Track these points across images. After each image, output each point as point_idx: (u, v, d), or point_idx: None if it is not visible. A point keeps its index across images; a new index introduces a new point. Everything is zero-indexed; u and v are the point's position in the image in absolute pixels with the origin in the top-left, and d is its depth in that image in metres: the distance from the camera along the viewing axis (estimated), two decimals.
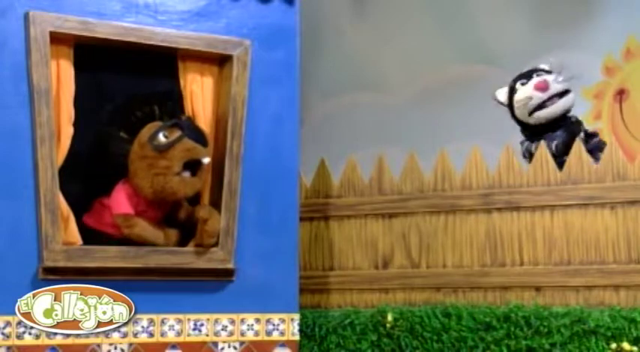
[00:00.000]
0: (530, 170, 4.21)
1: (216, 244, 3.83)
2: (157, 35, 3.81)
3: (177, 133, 3.76)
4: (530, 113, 4.68)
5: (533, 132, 4.71)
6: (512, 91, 4.78)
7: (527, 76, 4.77)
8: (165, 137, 3.76)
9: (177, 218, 3.94)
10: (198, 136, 3.81)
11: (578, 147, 4.17)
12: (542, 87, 4.64)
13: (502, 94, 4.85)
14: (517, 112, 4.75)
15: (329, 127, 6.77)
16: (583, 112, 5.57)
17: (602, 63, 6.33)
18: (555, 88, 4.65)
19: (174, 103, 3.99)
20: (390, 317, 4.22)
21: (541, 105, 4.65)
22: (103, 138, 3.95)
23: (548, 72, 4.76)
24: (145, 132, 3.81)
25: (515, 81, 4.79)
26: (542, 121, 4.67)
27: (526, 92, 4.69)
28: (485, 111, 6.27)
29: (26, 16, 3.57)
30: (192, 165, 3.78)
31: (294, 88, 4.09)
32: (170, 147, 3.73)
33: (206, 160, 3.80)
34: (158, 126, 3.80)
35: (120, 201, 3.80)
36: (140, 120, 3.92)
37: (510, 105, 4.79)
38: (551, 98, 4.65)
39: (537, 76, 4.73)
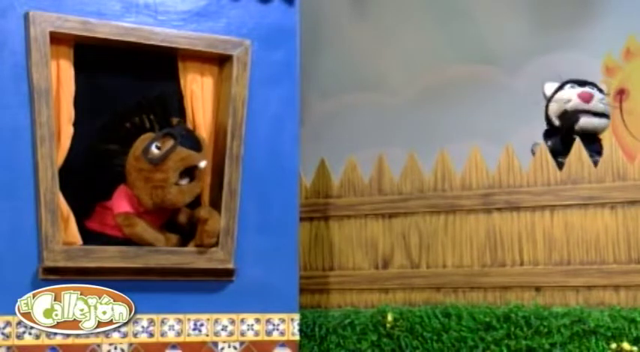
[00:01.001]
0: (530, 170, 4.21)
1: (216, 244, 3.83)
2: (156, 35, 3.80)
3: (169, 143, 3.73)
4: (561, 115, 4.70)
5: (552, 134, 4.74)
6: (559, 88, 4.80)
7: (581, 83, 4.81)
8: (158, 148, 3.74)
9: (178, 221, 3.93)
10: (192, 142, 3.79)
11: (578, 147, 4.17)
12: (586, 98, 4.68)
13: (549, 88, 4.86)
14: (551, 106, 4.77)
15: (329, 127, 6.76)
16: None
17: (602, 63, 6.33)
18: (596, 105, 4.68)
19: (169, 108, 3.97)
20: (390, 317, 4.22)
21: (573, 114, 4.67)
22: (98, 149, 3.91)
23: (601, 91, 4.81)
24: (138, 144, 3.78)
25: (567, 81, 4.82)
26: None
27: (570, 94, 4.72)
28: (485, 111, 6.30)
29: (26, 16, 3.57)
30: (190, 171, 3.78)
31: (294, 88, 4.08)
32: (164, 158, 3.71)
33: (202, 164, 3.78)
34: (150, 138, 3.77)
35: (121, 201, 3.80)
36: (133, 130, 3.88)
37: (550, 100, 4.80)
38: (586, 112, 4.66)
39: (590, 88, 4.76)
